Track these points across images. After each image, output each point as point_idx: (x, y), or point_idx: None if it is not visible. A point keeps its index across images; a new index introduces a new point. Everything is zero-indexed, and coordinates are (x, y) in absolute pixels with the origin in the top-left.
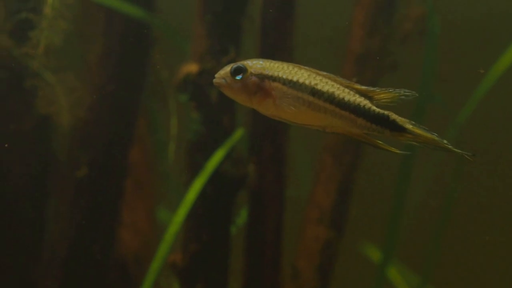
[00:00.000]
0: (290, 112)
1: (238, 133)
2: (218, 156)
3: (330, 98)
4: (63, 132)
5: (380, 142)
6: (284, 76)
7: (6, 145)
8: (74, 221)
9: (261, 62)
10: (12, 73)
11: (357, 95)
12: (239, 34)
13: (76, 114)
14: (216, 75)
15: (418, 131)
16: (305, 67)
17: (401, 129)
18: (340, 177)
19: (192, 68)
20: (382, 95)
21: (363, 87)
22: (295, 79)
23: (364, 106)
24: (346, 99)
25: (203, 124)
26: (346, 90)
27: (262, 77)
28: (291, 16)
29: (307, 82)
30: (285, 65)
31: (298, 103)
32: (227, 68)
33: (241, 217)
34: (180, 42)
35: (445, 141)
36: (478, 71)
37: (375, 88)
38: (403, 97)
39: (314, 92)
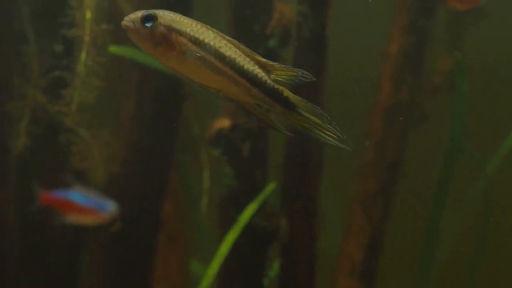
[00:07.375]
0: (190, 69)
1: (270, 187)
2: (250, 210)
3: (230, 63)
4: (97, 187)
5: (270, 119)
6: (191, 33)
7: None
8: (108, 275)
9: (171, 15)
10: (47, 128)
11: (257, 66)
12: None
13: (109, 169)
14: (126, 18)
15: (307, 112)
16: (214, 29)
17: (291, 107)
18: (370, 230)
19: (224, 123)
20: (279, 72)
21: (263, 60)
22: (201, 38)
23: (260, 77)
24: (245, 67)
25: (235, 179)
26: (247, 59)
27: (170, 29)
28: (324, 59)
29: (211, 43)
30: (194, 23)
31: (199, 61)
32: (138, 14)
33: (274, 269)
34: (212, 97)
35: (333, 124)
36: None
37: (274, 63)
38: (300, 78)
39: (217, 54)
